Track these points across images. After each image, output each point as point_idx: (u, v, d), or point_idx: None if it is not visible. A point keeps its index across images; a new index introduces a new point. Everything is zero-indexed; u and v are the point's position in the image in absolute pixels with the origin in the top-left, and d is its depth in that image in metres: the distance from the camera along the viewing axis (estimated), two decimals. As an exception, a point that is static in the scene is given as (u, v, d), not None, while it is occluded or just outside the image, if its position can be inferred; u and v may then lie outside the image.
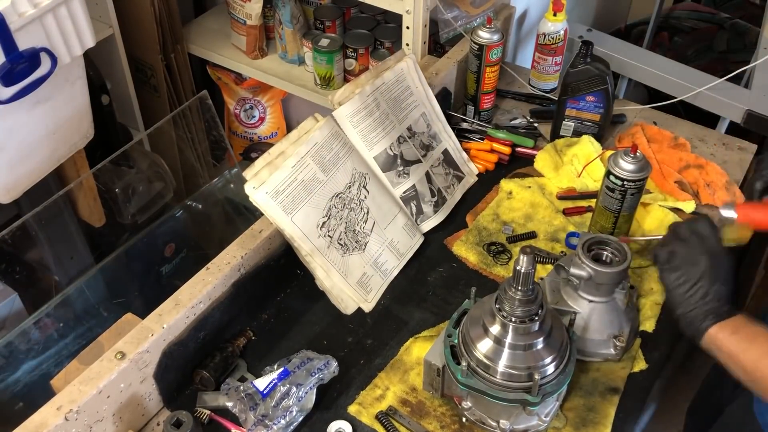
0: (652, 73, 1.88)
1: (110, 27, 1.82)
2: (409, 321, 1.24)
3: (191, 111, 2.00)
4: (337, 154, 1.27)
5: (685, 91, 1.74)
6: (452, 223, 1.41)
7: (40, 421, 0.94)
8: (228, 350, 1.15)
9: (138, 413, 1.08)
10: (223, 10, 2.14)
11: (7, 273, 1.57)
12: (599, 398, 1.13)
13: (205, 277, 1.13)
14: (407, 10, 1.57)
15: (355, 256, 1.26)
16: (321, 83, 1.95)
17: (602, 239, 1.16)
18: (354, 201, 1.28)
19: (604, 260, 1.15)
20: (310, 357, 1.12)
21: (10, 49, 1.24)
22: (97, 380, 0.99)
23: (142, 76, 2.05)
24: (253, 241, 1.19)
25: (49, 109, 1.41)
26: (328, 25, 1.97)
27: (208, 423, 1.09)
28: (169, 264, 1.57)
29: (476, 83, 1.55)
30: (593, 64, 1.44)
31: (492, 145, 1.52)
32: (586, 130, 1.52)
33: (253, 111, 2.36)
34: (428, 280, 1.31)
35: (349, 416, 1.10)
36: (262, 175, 1.16)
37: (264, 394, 1.06)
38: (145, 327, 1.05)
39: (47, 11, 1.28)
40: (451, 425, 1.09)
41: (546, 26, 1.62)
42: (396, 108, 1.39)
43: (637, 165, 1.22)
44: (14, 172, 1.42)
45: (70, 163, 1.61)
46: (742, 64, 1.84)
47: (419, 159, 1.40)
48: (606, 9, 2.47)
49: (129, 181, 1.76)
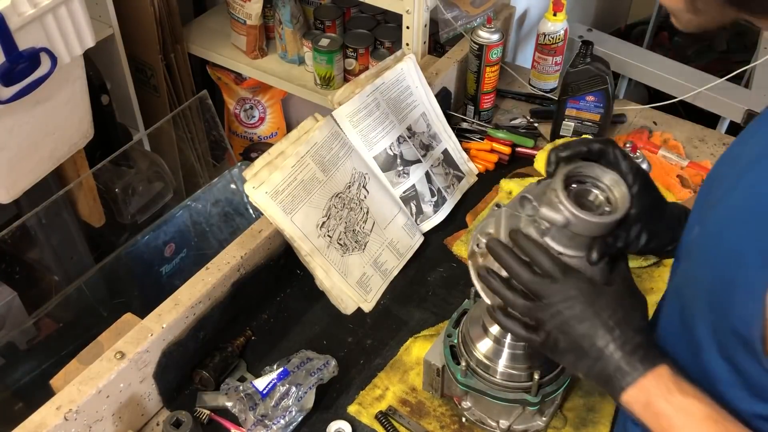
0: (652, 73, 1.89)
1: (110, 27, 1.82)
2: (408, 321, 1.24)
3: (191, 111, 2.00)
4: (337, 154, 1.27)
5: (685, 91, 1.74)
6: (452, 223, 1.41)
7: (39, 421, 0.94)
8: (227, 350, 1.15)
9: (137, 413, 1.08)
10: (223, 10, 2.14)
11: (7, 273, 1.57)
12: (599, 398, 1.12)
13: (205, 277, 1.13)
14: (407, 10, 1.57)
15: (355, 256, 1.26)
16: (321, 83, 1.95)
17: (592, 174, 0.84)
18: (354, 201, 1.28)
19: (590, 201, 0.85)
20: (309, 357, 1.12)
21: (10, 49, 1.24)
22: (96, 380, 0.99)
23: (142, 76, 2.05)
24: (253, 241, 1.19)
25: (49, 109, 1.41)
26: (328, 25, 1.97)
27: (208, 423, 1.09)
28: (169, 264, 1.57)
29: (476, 83, 1.55)
30: (593, 64, 1.44)
31: (492, 145, 1.52)
32: (586, 130, 1.52)
33: (253, 111, 2.36)
34: (428, 280, 1.31)
35: (348, 416, 1.10)
36: (262, 175, 1.16)
37: (263, 394, 1.06)
38: (144, 327, 1.05)
39: (47, 11, 1.28)
40: (450, 425, 1.09)
41: (546, 26, 1.62)
42: (396, 108, 1.39)
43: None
44: (14, 172, 1.42)
45: (70, 163, 1.61)
46: (743, 64, 1.84)
47: (419, 159, 1.40)
48: (606, 9, 2.47)
49: (129, 181, 1.76)
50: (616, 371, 0.78)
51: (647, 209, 0.88)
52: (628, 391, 0.78)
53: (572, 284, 0.82)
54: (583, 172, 0.84)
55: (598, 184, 0.84)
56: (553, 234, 0.84)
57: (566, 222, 0.81)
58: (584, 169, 0.84)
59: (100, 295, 1.49)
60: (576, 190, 0.84)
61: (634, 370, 0.78)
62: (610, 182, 0.84)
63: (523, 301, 0.84)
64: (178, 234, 1.57)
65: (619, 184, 0.84)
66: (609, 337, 0.79)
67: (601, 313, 0.80)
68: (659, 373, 0.77)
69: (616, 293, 0.83)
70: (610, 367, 0.79)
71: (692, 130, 1.61)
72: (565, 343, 0.82)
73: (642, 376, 0.77)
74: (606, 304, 0.81)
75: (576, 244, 0.84)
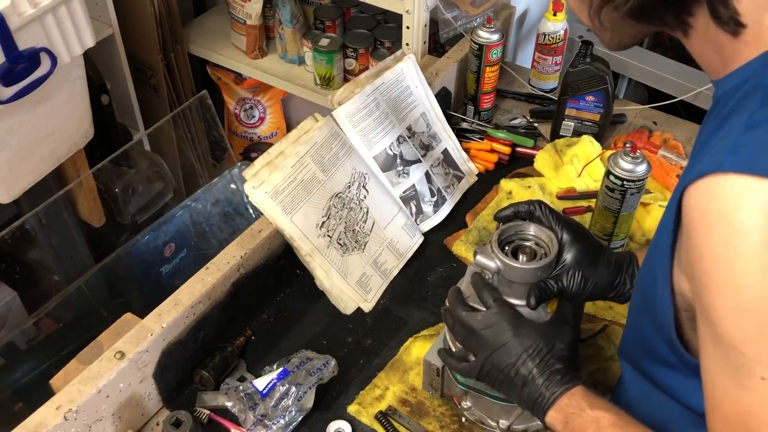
0: (652, 73, 1.89)
1: (110, 27, 1.82)
2: (408, 321, 1.24)
3: (191, 111, 2.00)
4: (337, 153, 1.27)
5: (685, 91, 1.74)
6: (452, 223, 1.41)
7: (39, 421, 0.94)
8: (227, 350, 1.15)
9: (137, 413, 1.08)
10: (223, 10, 2.15)
11: (7, 273, 1.57)
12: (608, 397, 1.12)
13: (205, 276, 1.13)
14: (407, 10, 1.57)
15: (355, 256, 1.26)
16: (321, 83, 1.95)
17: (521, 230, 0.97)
18: (353, 201, 1.28)
19: (525, 251, 0.96)
20: (309, 357, 1.12)
21: (10, 49, 1.24)
22: (96, 380, 0.99)
23: (142, 76, 2.05)
24: (253, 240, 1.19)
25: (49, 109, 1.41)
26: (328, 24, 1.97)
27: (208, 423, 1.09)
28: (169, 264, 1.57)
29: (476, 83, 1.55)
30: (593, 64, 1.44)
31: (492, 145, 1.52)
32: (586, 130, 1.52)
33: (253, 111, 2.36)
34: (428, 279, 1.31)
35: (348, 416, 1.10)
36: (262, 174, 1.16)
37: (263, 393, 1.06)
38: (144, 327, 1.05)
39: (47, 11, 1.28)
40: (450, 425, 1.09)
41: (546, 26, 1.62)
42: (396, 108, 1.39)
43: (637, 165, 1.22)
44: (14, 172, 1.42)
45: (70, 163, 1.61)
46: (743, 64, 1.83)
47: (419, 159, 1.40)
48: (606, 9, 2.46)
49: (129, 181, 1.76)
50: (538, 396, 0.88)
51: (582, 255, 0.97)
52: (549, 413, 0.88)
53: (497, 313, 0.92)
54: (515, 229, 0.98)
55: (528, 236, 0.97)
56: (495, 282, 0.97)
57: (497, 268, 0.94)
58: (517, 227, 0.98)
59: (100, 295, 1.49)
60: (514, 245, 0.97)
61: (552, 394, 0.87)
62: (536, 232, 0.97)
63: (461, 330, 0.94)
64: (178, 234, 1.57)
65: (544, 232, 0.97)
66: (531, 365, 0.89)
67: (524, 342, 0.90)
68: (573, 393, 0.87)
69: (541, 325, 0.92)
70: (534, 392, 0.88)
71: (692, 130, 1.61)
72: (495, 372, 0.91)
73: (559, 398, 0.87)
74: (528, 334, 0.90)
75: (515, 291, 0.95)
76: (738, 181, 0.62)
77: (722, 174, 0.63)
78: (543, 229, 0.97)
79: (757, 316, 0.63)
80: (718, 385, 0.69)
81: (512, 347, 0.90)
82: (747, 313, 0.64)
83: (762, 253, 0.61)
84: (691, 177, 0.67)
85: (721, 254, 0.64)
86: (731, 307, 0.64)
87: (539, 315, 0.94)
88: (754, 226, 0.61)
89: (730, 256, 0.63)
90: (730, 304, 0.64)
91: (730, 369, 0.66)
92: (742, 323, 0.64)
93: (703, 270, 0.66)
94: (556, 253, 0.95)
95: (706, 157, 0.67)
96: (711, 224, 0.64)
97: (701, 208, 0.65)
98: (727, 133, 0.67)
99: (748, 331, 0.64)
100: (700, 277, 0.67)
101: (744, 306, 0.63)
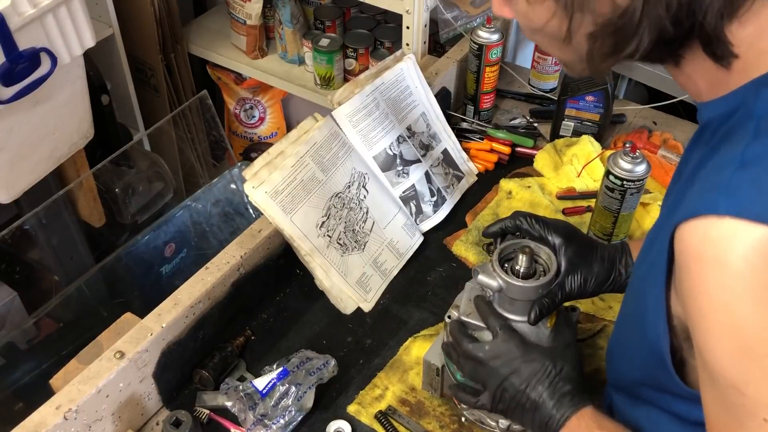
0: (652, 73, 1.88)
1: (110, 27, 1.82)
2: (408, 321, 1.24)
3: (191, 111, 2.01)
4: (337, 153, 1.27)
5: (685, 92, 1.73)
6: (452, 223, 1.41)
7: (39, 421, 0.94)
8: (227, 350, 1.15)
9: (137, 413, 1.08)
10: (223, 10, 2.15)
11: (7, 273, 1.57)
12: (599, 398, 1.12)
13: (205, 276, 1.13)
14: (407, 10, 1.57)
15: (355, 256, 1.26)
16: (321, 83, 1.95)
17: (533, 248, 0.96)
18: (353, 201, 1.28)
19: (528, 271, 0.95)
20: (309, 357, 1.12)
21: (10, 49, 1.24)
22: (96, 380, 0.99)
23: (142, 76, 2.05)
24: (253, 240, 1.19)
25: (49, 109, 1.41)
26: (328, 25, 1.97)
27: (208, 422, 1.09)
28: (169, 264, 1.58)
29: (476, 83, 1.55)
30: (593, 64, 1.44)
31: (492, 145, 1.52)
32: (585, 130, 1.52)
33: (253, 111, 2.36)
34: (428, 279, 1.31)
35: (348, 416, 1.10)
36: (262, 174, 1.16)
37: (263, 393, 1.06)
38: (144, 326, 1.05)
39: (47, 11, 1.28)
40: (450, 425, 1.09)
41: (546, 26, 1.62)
42: (395, 108, 1.39)
43: (637, 165, 1.22)
44: (14, 172, 1.42)
45: (70, 163, 1.61)
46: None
47: (419, 159, 1.40)
48: (606, 9, 2.46)
49: (129, 181, 1.76)
50: (549, 419, 0.89)
51: (577, 257, 1.00)
52: None
53: (503, 341, 0.93)
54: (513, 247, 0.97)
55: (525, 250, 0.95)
56: (497, 301, 0.97)
57: (499, 287, 0.94)
58: (515, 245, 0.97)
59: (100, 295, 1.49)
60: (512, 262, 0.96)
61: (561, 415, 0.88)
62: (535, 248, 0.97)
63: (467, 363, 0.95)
64: (178, 234, 1.57)
65: (542, 249, 0.97)
66: (541, 389, 0.90)
67: (534, 367, 0.91)
68: (582, 414, 0.88)
69: (548, 348, 0.93)
70: (545, 416, 0.90)
71: (692, 130, 1.58)
72: (507, 399, 0.92)
73: (568, 419, 0.88)
74: (536, 359, 0.91)
75: (517, 308, 0.95)
76: (733, 225, 0.61)
77: (717, 217, 0.62)
78: (541, 247, 0.98)
79: (759, 359, 0.63)
80: (720, 421, 0.69)
81: (522, 373, 0.91)
82: (747, 356, 0.63)
83: (760, 296, 0.61)
84: (683, 215, 0.65)
85: (717, 298, 0.63)
86: (730, 349, 0.64)
87: (539, 330, 0.95)
88: (750, 270, 0.61)
89: (728, 300, 0.62)
90: (729, 347, 0.64)
91: (730, 407, 0.67)
92: (742, 366, 0.64)
93: (697, 311, 0.66)
94: (556, 270, 0.96)
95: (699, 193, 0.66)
96: (705, 266, 0.63)
97: (695, 249, 0.65)
98: (719, 164, 0.66)
99: (748, 374, 0.64)
100: (694, 315, 0.67)
101: (744, 350, 0.63)
